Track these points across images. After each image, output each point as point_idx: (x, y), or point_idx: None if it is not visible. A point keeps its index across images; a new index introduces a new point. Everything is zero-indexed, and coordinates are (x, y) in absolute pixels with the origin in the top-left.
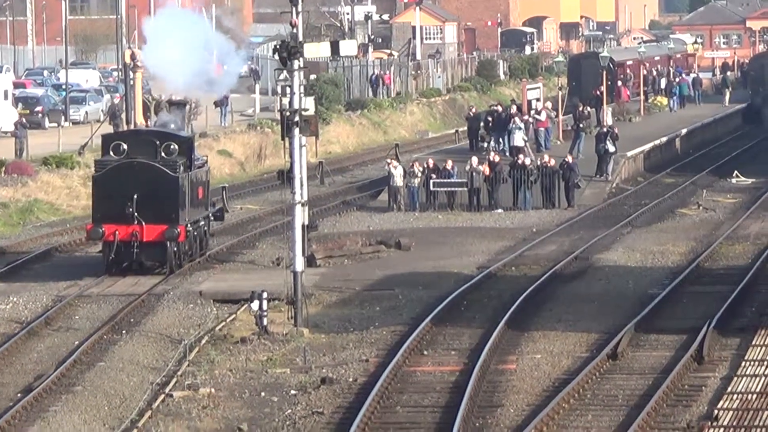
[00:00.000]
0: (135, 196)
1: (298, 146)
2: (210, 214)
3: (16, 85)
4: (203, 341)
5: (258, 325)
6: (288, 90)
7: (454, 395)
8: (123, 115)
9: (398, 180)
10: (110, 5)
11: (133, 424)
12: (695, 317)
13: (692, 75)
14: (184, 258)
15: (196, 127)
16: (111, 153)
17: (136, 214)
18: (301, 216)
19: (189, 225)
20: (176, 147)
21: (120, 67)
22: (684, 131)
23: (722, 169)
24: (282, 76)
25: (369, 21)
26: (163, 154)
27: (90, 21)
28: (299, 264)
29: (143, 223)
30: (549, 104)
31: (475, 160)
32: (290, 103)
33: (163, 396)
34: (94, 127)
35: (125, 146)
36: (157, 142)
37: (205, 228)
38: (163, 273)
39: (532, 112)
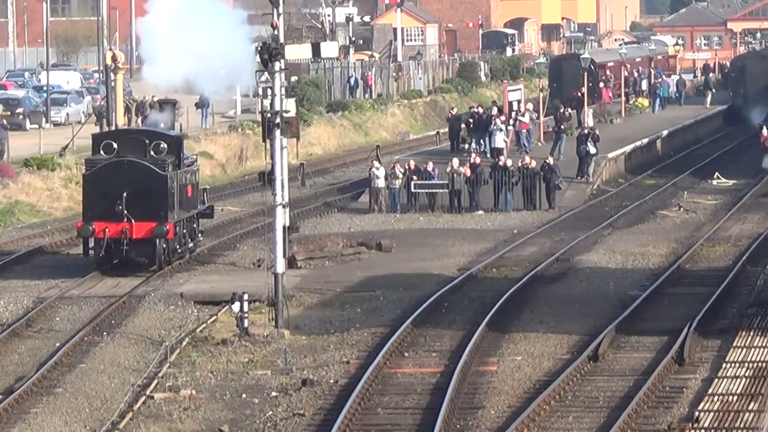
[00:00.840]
0: (125, 194)
1: (279, 148)
2: (199, 212)
3: None
4: (184, 343)
5: (239, 327)
6: (269, 92)
7: (435, 397)
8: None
9: (379, 181)
10: (91, 7)
11: (114, 425)
12: (676, 319)
13: (675, 76)
14: (174, 255)
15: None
16: (101, 152)
17: (125, 211)
18: (282, 217)
19: (178, 222)
20: (165, 146)
21: (101, 68)
22: (665, 133)
23: (703, 170)
24: (263, 78)
25: (350, 23)
26: (152, 152)
27: (71, 22)
28: (280, 265)
29: (133, 221)
30: (530, 106)
31: (456, 161)
32: (271, 104)
33: (144, 398)
34: (75, 128)
35: (115, 145)
36: (147, 141)
37: (195, 225)
38: (151, 270)
39: (514, 113)
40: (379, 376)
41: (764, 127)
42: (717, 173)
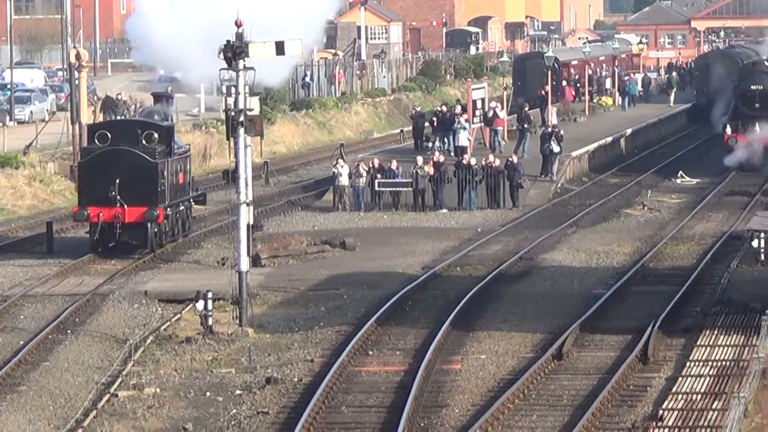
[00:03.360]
0: (117, 181)
1: (243, 146)
2: (191, 198)
3: None
4: (148, 341)
5: (203, 325)
6: (233, 90)
7: (399, 395)
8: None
9: (343, 180)
10: (55, 5)
11: (78, 423)
12: (640, 317)
13: (639, 75)
14: (165, 238)
15: None
16: (96, 141)
17: (118, 197)
18: (246, 216)
19: (168, 207)
20: (156, 135)
21: (65, 66)
22: (629, 131)
23: (667, 169)
24: (227, 76)
25: None
26: (144, 141)
27: (35, 20)
28: (244, 264)
29: (125, 206)
30: (497, 105)
31: (420, 159)
32: (235, 103)
33: (108, 396)
34: (39, 126)
35: (109, 135)
36: (139, 131)
37: (187, 211)
38: (144, 252)
39: (487, 110)
40: (344, 375)
41: (728, 126)
42: (681, 172)
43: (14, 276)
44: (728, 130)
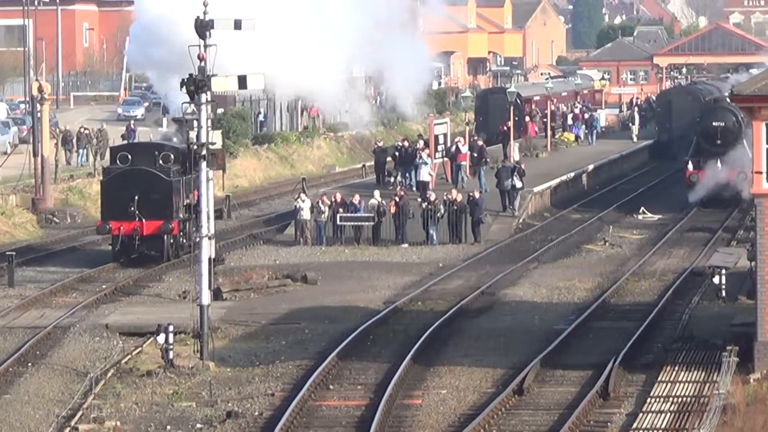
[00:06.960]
0: (136, 197)
1: (205, 180)
2: None
3: None
4: (109, 374)
5: (164, 359)
6: (195, 123)
7: (360, 430)
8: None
9: (305, 214)
10: (18, 37)
11: None
12: (601, 353)
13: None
14: (181, 249)
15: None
16: (117, 162)
17: (137, 212)
18: (207, 249)
19: (183, 221)
20: (172, 156)
21: (27, 99)
22: (591, 167)
23: (629, 205)
24: (189, 110)
25: None
26: (160, 162)
27: None
28: (205, 297)
29: (143, 220)
30: (460, 139)
31: (377, 193)
32: (197, 136)
33: (68, 429)
34: (1, 159)
35: (129, 156)
36: (156, 153)
37: None
38: (159, 263)
39: (450, 145)
40: (304, 409)
41: (690, 162)
42: (643, 208)
43: None
44: (690, 166)
